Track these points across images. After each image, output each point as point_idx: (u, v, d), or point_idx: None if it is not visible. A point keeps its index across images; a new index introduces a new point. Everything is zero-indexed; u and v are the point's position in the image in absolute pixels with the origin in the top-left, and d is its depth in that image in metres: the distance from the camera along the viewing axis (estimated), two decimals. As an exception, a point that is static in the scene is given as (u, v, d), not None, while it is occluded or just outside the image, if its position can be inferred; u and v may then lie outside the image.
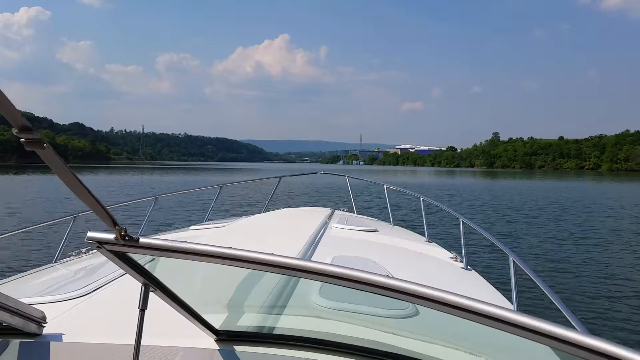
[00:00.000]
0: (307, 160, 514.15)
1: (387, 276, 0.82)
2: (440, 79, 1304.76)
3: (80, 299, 1.82)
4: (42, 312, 1.49)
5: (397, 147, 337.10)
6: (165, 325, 1.50)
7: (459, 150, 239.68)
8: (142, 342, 1.22)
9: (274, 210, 5.07)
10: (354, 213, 5.42)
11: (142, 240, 0.92)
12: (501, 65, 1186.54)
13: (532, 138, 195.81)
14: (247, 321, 1.61)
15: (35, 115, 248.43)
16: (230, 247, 0.91)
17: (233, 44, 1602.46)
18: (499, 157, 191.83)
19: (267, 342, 1.48)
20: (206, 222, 4.54)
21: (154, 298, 1.23)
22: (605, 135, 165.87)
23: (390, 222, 4.87)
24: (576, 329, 0.68)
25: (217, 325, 1.47)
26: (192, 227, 4.14)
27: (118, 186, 36.67)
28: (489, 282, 2.83)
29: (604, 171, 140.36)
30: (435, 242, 4.01)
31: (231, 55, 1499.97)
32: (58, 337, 1.48)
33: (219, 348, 1.45)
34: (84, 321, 1.64)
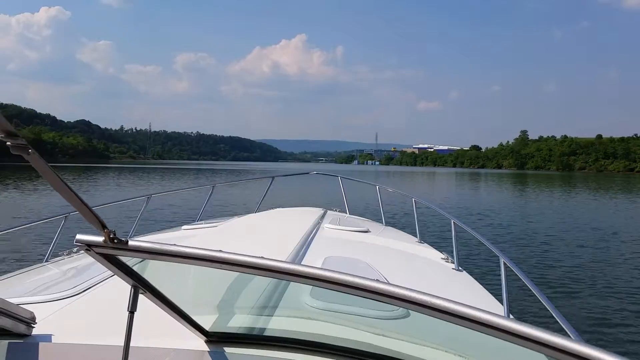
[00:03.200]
0: (322, 160, 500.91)
1: (377, 280, 0.82)
2: (457, 78, 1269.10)
3: (70, 299, 1.78)
4: (32, 313, 1.47)
5: (414, 146, 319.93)
6: (155, 326, 1.48)
7: (483, 149, 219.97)
8: (132, 344, 1.22)
9: (267, 210, 5.09)
10: (346, 213, 5.38)
11: (131, 243, 0.92)
12: (521, 64, 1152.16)
13: (566, 136, 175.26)
14: (238, 322, 1.60)
15: (38, 112, 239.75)
16: (219, 250, 0.91)
17: (251, 43, 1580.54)
18: (531, 157, 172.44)
19: (257, 344, 1.46)
20: (198, 222, 4.49)
21: (144, 299, 1.22)
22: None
23: (382, 222, 4.95)
24: (568, 336, 0.65)
25: (207, 326, 1.45)
26: (184, 226, 4.12)
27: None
28: (480, 283, 2.85)
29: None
30: (427, 243, 4.04)
31: (249, 54, 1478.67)
32: (47, 337, 1.46)
33: (209, 349, 1.44)
34: (74, 322, 1.61)
